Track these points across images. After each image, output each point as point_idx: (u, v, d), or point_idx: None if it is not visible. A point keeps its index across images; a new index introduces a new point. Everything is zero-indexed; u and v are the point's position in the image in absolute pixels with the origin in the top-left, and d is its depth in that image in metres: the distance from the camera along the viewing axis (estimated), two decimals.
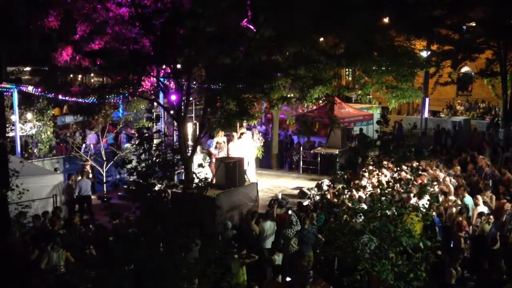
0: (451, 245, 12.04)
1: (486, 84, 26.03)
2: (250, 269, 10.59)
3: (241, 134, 16.86)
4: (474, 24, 24.49)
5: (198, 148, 16.27)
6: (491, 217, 12.15)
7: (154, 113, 16.98)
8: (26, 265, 10.00)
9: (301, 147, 20.89)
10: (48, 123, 18.84)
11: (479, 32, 23.84)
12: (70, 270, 9.98)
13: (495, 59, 23.45)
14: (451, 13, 22.99)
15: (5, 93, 16.52)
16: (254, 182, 15.54)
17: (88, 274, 6.84)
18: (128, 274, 6.75)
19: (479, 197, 13.24)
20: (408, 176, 8.96)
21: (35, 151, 18.62)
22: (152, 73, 13.90)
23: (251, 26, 14.10)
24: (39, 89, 16.81)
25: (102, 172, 17.12)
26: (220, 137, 16.40)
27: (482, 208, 12.79)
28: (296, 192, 16.67)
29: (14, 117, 17.41)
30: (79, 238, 11.36)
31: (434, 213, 11.74)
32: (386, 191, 8.07)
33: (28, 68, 31.22)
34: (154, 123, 16.98)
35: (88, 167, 17.24)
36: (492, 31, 22.34)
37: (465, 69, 33.29)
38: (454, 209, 12.86)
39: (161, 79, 14.32)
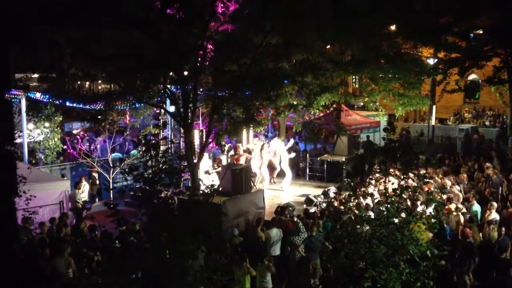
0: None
1: (493, 91, 25.90)
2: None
3: (262, 145, 17.68)
4: (481, 32, 24.41)
5: (205, 154, 16.31)
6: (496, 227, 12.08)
7: (161, 120, 17.04)
8: (31, 272, 10.01)
9: (308, 154, 20.86)
10: (56, 129, 18.96)
11: (486, 40, 23.77)
12: (76, 276, 9.98)
13: (502, 66, 23.34)
14: (458, 20, 22.95)
15: (13, 100, 16.68)
16: (260, 189, 15.53)
17: (94, 280, 6.84)
18: (134, 280, 6.75)
19: (494, 204, 13.15)
20: (415, 184, 8.91)
21: (42, 157, 18.72)
22: (159, 80, 13.95)
23: None
24: (47, 96, 16.94)
25: (108, 179, 17.16)
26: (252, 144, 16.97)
27: (494, 216, 12.70)
28: (302, 199, 16.63)
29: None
30: (85, 244, 11.36)
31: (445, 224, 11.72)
32: (393, 199, 8.03)
33: (36, 75, 31.46)
34: (161, 130, 17.04)
35: (94, 173, 17.32)
36: (500, 38, 22.26)
37: (472, 76, 33.19)
38: (462, 217, 12.76)
39: (168, 86, 14.38)
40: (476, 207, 13.61)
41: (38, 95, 17.24)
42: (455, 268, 10.57)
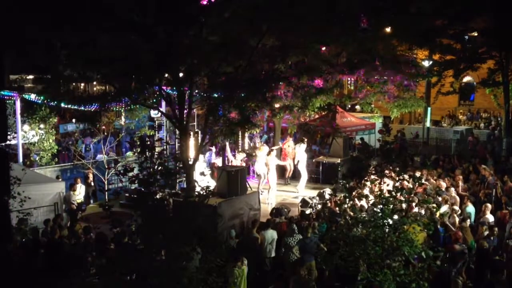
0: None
1: (488, 93, 26.03)
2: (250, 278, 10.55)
3: (270, 150, 17.75)
4: (476, 34, 24.53)
5: (200, 156, 16.30)
6: (495, 228, 12.13)
7: (156, 122, 17.01)
8: (27, 273, 9.97)
9: None
10: (51, 131, 18.90)
11: (481, 42, 23.88)
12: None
13: (497, 68, 23.45)
14: (453, 23, 23.04)
15: (7, 101, 16.62)
16: (255, 191, 15.53)
17: (89, 282, 6.83)
18: (129, 282, 6.73)
19: (488, 205, 13.22)
20: (410, 185, 8.93)
21: (37, 159, 18.66)
22: (154, 82, 13.93)
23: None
24: (42, 97, 16.87)
25: (103, 180, 17.12)
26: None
27: (488, 217, 12.75)
28: (297, 201, 16.64)
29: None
30: (80, 246, 11.33)
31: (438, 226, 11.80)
32: (388, 200, 8.04)
33: (31, 76, 31.31)
34: (156, 131, 17.02)
35: (90, 175, 17.27)
36: (494, 41, 22.37)
37: (467, 78, 33.32)
38: (457, 219, 12.80)
39: (163, 88, 14.36)
40: (470, 208, 13.65)
41: (33, 97, 17.17)
42: (446, 269, 10.59)
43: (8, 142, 17.78)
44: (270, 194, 16.81)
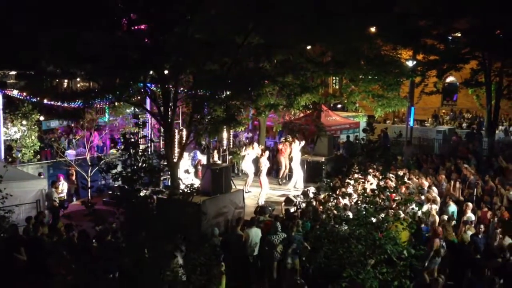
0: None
1: (470, 94, 26.30)
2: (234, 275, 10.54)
3: (264, 151, 17.78)
4: (459, 35, 24.77)
5: (185, 154, 16.25)
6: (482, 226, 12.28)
7: (141, 119, 16.92)
8: (8, 270, 9.87)
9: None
10: (33, 127, 18.70)
11: (464, 43, 24.11)
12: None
13: (479, 69, 23.70)
14: (437, 23, 23.23)
15: None
16: (240, 189, 15.53)
17: (70, 280, 6.77)
18: (112, 281, 6.69)
19: (470, 204, 13.38)
20: (393, 184, 9.00)
21: (19, 155, 18.46)
22: (139, 79, 13.85)
23: None
24: (24, 94, 16.68)
25: (86, 177, 16.97)
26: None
27: (469, 216, 12.90)
28: (282, 199, 16.68)
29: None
30: (62, 244, 11.22)
31: (423, 224, 11.92)
32: (371, 199, 8.10)
33: (13, 72, 30.89)
34: (140, 129, 16.92)
35: (73, 172, 17.14)
36: (477, 41, 22.60)
37: (450, 79, 33.66)
38: (437, 218, 12.92)
39: (148, 85, 14.29)
40: (453, 207, 13.80)
41: (15, 92, 16.97)
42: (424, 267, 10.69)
43: None
44: (261, 194, 16.77)
